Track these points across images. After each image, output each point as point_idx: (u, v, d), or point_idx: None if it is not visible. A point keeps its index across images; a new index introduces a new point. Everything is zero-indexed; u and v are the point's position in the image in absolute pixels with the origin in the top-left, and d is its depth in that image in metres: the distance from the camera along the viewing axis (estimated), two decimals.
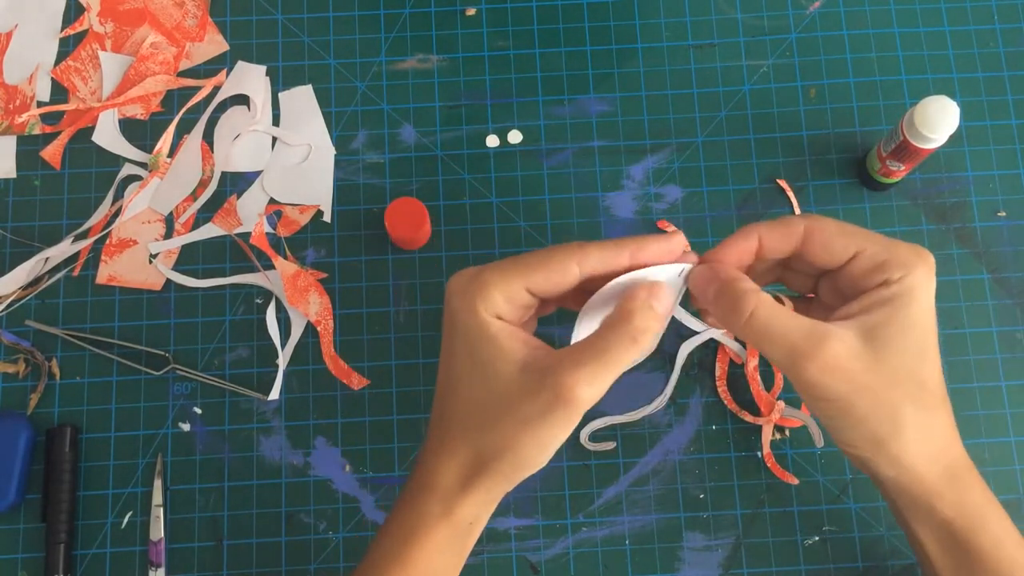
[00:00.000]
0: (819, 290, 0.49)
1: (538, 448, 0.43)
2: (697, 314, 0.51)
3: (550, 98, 0.63)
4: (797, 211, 0.60)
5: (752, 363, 0.57)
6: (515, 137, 0.62)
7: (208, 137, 0.62)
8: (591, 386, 0.42)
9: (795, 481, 0.57)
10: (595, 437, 0.58)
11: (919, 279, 0.43)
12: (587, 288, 0.45)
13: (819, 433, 0.57)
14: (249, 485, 0.57)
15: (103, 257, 0.60)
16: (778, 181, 0.61)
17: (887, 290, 0.43)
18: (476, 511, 0.45)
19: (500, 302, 0.44)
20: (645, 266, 0.44)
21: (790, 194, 0.60)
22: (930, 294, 0.44)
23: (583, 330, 0.46)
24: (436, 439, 0.46)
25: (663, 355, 0.58)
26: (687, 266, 0.45)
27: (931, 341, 0.44)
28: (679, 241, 0.45)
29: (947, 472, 0.45)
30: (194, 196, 0.61)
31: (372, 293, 0.60)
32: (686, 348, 0.58)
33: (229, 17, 0.64)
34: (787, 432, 0.57)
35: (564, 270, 0.44)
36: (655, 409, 0.58)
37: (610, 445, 0.57)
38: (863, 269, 0.44)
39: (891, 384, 0.43)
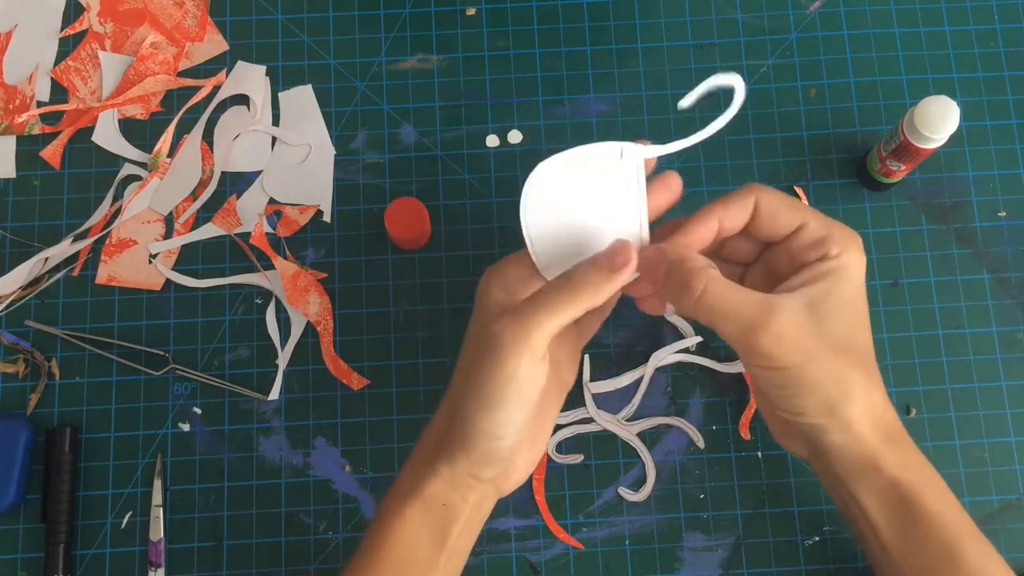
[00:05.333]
0: (750, 271, 0.50)
1: (481, 405, 0.42)
2: None
3: (550, 98, 0.63)
4: None
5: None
6: (515, 137, 0.62)
7: (208, 137, 0.62)
8: (509, 322, 0.42)
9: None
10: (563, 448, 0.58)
11: (854, 258, 0.46)
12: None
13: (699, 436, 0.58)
14: (249, 485, 0.57)
15: (103, 257, 0.60)
16: (796, 188, 0.61)
17: (825, 265, 0.45)
18: (445, 492, 0.44)
19: (510, 278, 0.45)
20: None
21: (805, 202, 0.60)
22: (863, 272, 0.46)
23: None
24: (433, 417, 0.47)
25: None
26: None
27: (865, 315, 0.46)
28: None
29: (888, 436, 0.46)
30: (194, 196, 0.61)
31: (372, 293, 0.60)
32: (656, 359, 0.58)
33: (229, 17, 0.64)
34: None
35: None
36: (622, 418, 0.58)
37: (578, 458, 0.57)
38: (804, 242, 0.46)
39: (836, 352, 0.44)
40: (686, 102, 0.47)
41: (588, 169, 0.45)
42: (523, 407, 0.43)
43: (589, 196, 0.46)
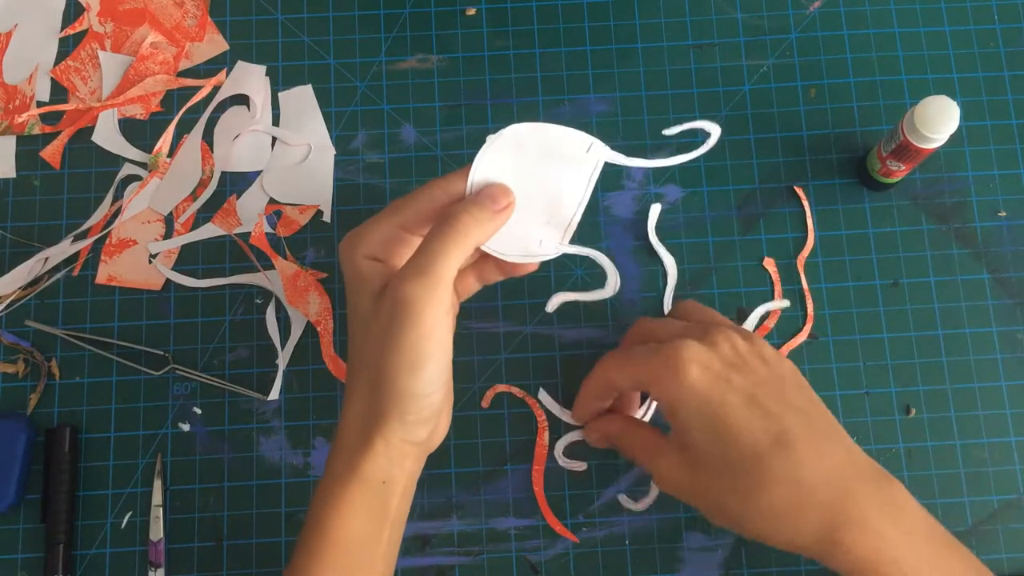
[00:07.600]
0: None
1: (405, 368, 0.43)
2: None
3: (550, 98, 0.63)
4: (809, 219, 0.60)
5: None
6: None
7: (208, 137, 0.62)
8: (417, 281, 0.42)
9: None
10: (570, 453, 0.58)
11: (665, 389, 0.46)
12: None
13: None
14: (249, 485, 0.57)
15: (103, 257, 0.60)
16: (795, 188, 0.61)
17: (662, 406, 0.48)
18: (384, 466, 0.44)
19: (375, 243, 0.46)
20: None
21: (804, 202, 0.60)
22: (687, 390, 0.45)
23: None
24: (344, 399, 0.47)
25: None
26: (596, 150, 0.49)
27: (723, 422, 0.45)
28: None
29: (824, 528, 0.44)
30: (194, 196, 0.61)
31: None
32: None
33: (229, 17, 0.64)
34: None
35: (431, 198, 0.46)
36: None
37: (582, 465, 0.57)
38: (635, 395, 0.55)
39: (716, 478, 0.46)
40: (669, 132, 0.49)
41: (552, 148, 0.48)
42: (444, 359, 0.44)
43: (542, 172, 0.48)
